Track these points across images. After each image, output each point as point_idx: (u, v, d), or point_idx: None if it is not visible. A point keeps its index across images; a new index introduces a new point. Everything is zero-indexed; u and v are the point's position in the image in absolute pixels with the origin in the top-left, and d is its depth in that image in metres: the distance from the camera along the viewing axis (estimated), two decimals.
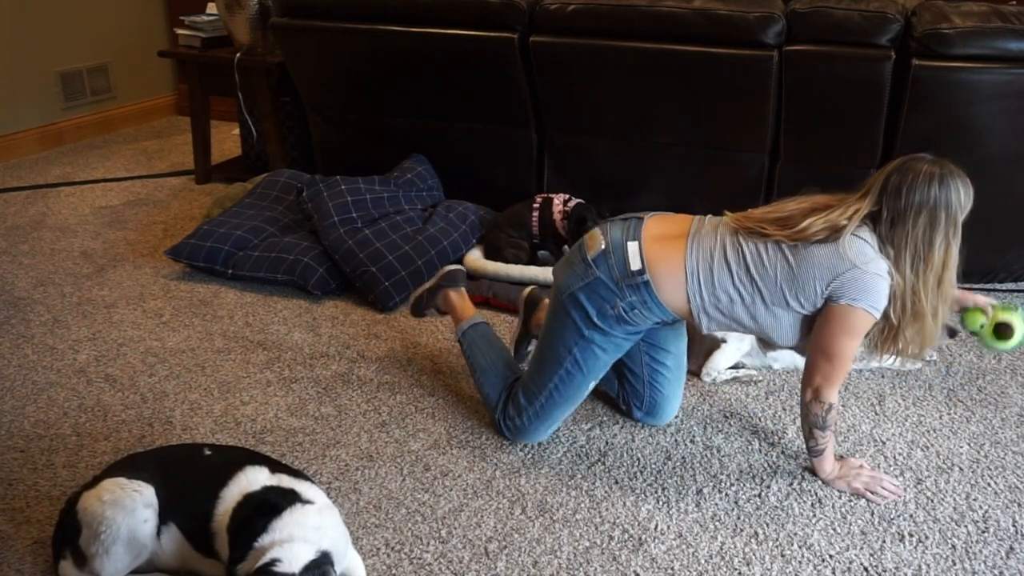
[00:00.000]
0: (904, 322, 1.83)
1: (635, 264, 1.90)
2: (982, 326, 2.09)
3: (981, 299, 2.12)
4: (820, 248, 1.82)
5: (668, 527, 1.87)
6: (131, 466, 1.71)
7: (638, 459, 2.09)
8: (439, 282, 2.41)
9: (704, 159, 2.96)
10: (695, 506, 1.93)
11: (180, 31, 3.88)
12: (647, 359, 2.15)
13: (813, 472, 2.01)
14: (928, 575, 1.74)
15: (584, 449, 2.12)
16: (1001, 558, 1.78)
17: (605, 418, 2.24)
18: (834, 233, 1.80)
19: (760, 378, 2.41)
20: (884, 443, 2.14)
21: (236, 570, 1.50)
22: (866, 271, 1.78)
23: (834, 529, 1.86)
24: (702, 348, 2.41)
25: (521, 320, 2.41)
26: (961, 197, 1.79)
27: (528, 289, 2.44)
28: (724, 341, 2.38)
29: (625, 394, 2.22)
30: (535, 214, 2.96)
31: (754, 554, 1.79)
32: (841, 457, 2.03)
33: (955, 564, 1.76)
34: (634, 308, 1.93)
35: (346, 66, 3.26)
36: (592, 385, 2.07)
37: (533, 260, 2.99)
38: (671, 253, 1.91)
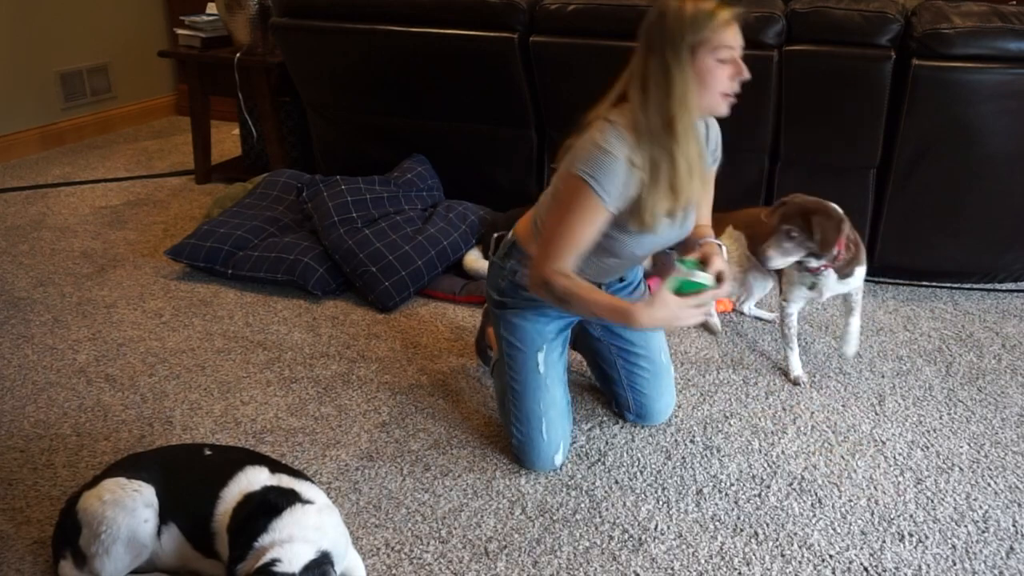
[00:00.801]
0: (648, 183, 1.71)
1: (510, 236, 2.02)
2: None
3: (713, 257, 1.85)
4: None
5: (668, 527, 1.87)
6: (131, 466, 1.71)
7: (638, 459, 2.09)
8: (484, 321, 2.40)
9: None
10: (695, 506, 1.93)
11: (180, 31, 3.88)
12: (621, 361, 2.15)
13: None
14: (928, 575, 1.74)
15: (584, 449, 2.12)
16: (1001, 558, 1.78)
17: (605, 418, 2.24)
18: (595, 117, 1.76)
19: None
20: (884, 443, 2.14)
21: (236, 570, 1.50)
22: (595, 142, 1.69)
23: (834, 529, 1.86)
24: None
25: (479, 329, 2.43)
26: (685, 16, 1.66)
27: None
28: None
29: (614, 399, 2.22)
30: None
31: (754, 554, 1.79)
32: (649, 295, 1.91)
33: (955, 564, 1.76)
34: (516, 272, 1.97)
35: (346, 66, 3.26)
36: (540, 364, 2.00)
37: None
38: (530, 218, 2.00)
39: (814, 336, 2.63)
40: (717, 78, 1.70)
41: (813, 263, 2.21)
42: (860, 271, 2.30)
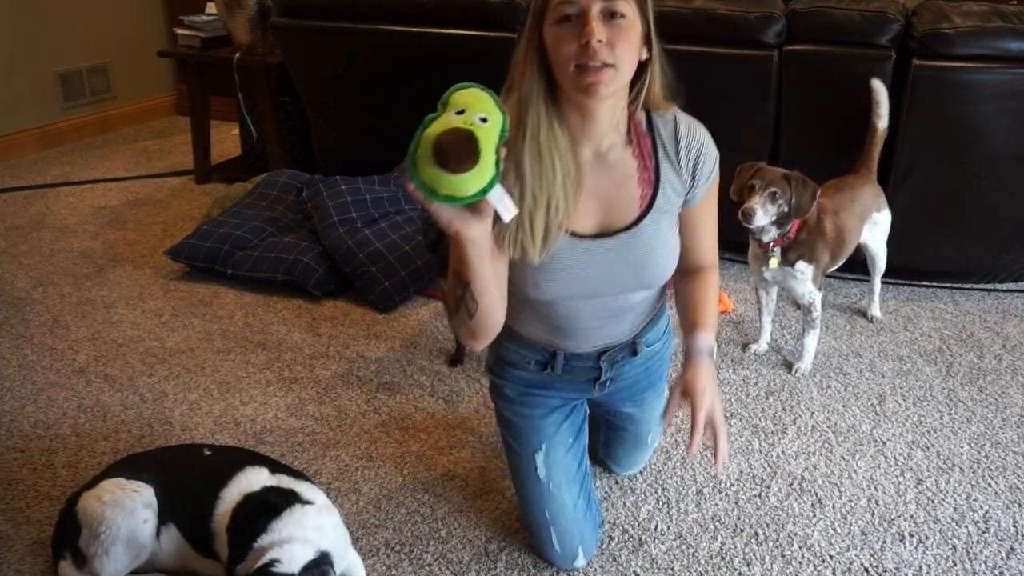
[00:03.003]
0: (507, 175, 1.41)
1: None
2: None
3: None
4: None
5: (668, 527, 1.86)
6: (131, 466, 1.71)
7: None
8: None
9: None
10: (695, 506, 1.93)
11: (180, 31, 3.88)
12: (604, 426, 1.93)
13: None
14: (929, 575, 1.74)
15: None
16: (1002, 558, 1.78)
17: None
18: None
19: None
20: (884, 443, 2.14)
21: (235, 570, 1.50)
22: None
23: (834, 529, 1.86)
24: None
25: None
26: None
27: None
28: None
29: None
30: None
31: (754, 554, 1.79)
32: None
33: (956, 564, 1.76)
34: (499, 343, 1.70)
35: (346, 66, 3.25)
36: (540, 467, 1.70)
37: None
38: None
39: None
40: (559, 46, 1.35)
41: (767, 236, 2.30)
42: (803, 267, 2.35)
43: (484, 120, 1.15)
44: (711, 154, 1.56)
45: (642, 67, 1.43)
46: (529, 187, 1.39)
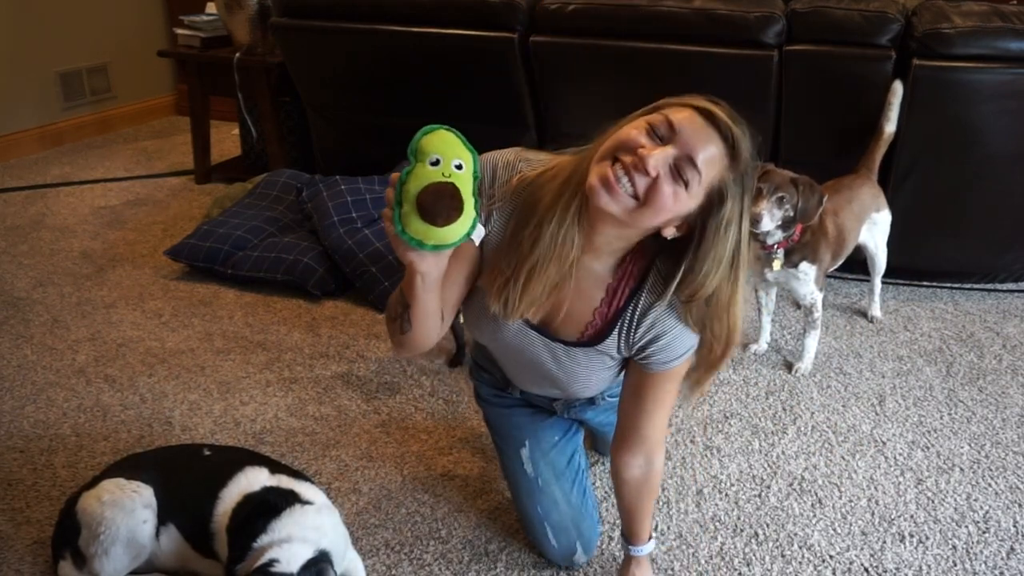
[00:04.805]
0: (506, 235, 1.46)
1: None
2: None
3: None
4: None
5: (668, 527, 1.86)
6: (130, 467, 1.71)
7: None
8: None
9: None
10: (695, 506, 1.93)
11: (179, 31, 3.88)
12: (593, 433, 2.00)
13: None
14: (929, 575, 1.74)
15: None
16: (1002, 558, 1.78)
17: None
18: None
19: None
20: (885, 443, 2.14)
21: (235, 570, 1.50)
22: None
23: (834, 529, 1.85)
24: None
25: None
26: None
27: None
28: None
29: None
30: None
31: (754, 554, 1.79)
32: None
33: (956, 565, 1.76)
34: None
35: (346, 66, 3.25)
36: (526, 463, 1.75)
37: None
38: None
39: None
40: (616, 140, 1.34)
41: (771, 239, 2.29)
42: (806, 268, 2.35)
43: (459, 167, 1.18)
44: (672, 353, 1.43)
45: (670, 245, 1.35)
46: (542, 262, 1.34)
